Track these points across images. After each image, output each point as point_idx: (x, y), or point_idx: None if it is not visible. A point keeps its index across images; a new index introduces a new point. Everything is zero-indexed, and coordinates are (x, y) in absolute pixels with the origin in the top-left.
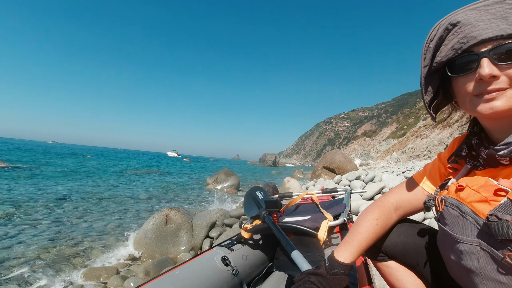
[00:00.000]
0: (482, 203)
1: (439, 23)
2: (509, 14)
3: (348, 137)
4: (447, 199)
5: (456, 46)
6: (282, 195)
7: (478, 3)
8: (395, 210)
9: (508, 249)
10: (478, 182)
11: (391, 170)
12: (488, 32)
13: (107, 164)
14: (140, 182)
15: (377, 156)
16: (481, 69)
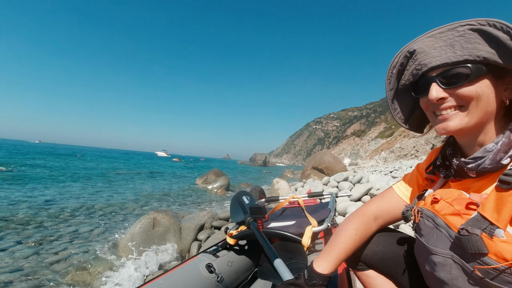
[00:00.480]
0: (455, 216)
1: (400, 51)
2: (456, 42)
3: (337, 136)
4: (423, 211)
5: (414, 72)
6: (269, 199)
7: (435, 31)
8: (375, 220)
9: (478, 262)
10: (452, 195)
11: (380, 169)
12: (436, 60)
13: (94, 165)
14: (128, 184)
15: (366, 155)
16: (430, 93)
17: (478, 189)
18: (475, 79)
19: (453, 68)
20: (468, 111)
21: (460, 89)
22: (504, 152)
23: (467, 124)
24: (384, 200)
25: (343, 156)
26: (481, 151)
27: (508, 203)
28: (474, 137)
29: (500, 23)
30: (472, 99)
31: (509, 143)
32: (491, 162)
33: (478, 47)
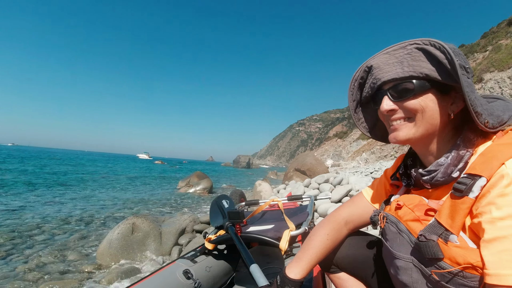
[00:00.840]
0: (415, 222)
1: (361, 66)
2: (404, 60)
3: (320, 138)
4: (388, 216)
5: (371, 85)
6: (249, 203)
7: (390, 48)
8: (346, 224)
9: (435, 266)
10: (413, 201)
11: (361, 170)
12: (388, 75)
13: (72, 169)
14: (107, 188)
15: (348, 156)
16: (381, 105)
17: (436, 196)
18: (419, 93)
19: (400, 83)
20: (415, 122)
21: (407, 102)
22: (454, 165)
23: (414, 135)
24: (354, 205)
25: (325, 157)
26: (434, 165)
27: (461, 210)
28: (425, 147)
29: (438, 44)
30: (417, 111)
31: (458, 157)
32: (443, 175)
33: (422, 64)
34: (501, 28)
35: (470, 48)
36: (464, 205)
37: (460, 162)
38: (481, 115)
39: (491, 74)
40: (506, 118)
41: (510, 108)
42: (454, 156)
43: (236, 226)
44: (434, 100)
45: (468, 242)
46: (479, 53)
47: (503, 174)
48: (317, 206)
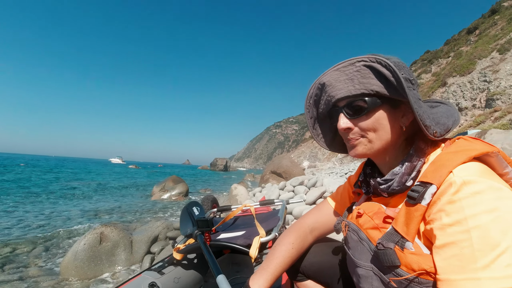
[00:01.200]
0: (374, 230)
1: (314, 83)
2: (354, 77)
3: (297, 140)
4: (350, 225)
5: (326, 102)
6: (221, 208)
7: (340, 65)
8: (311, 232)
9: (393, 274)
10: (372, 209)
11: (336, 171)
12: (341, 93)
13: (38, 175)
14: (75, 195)
15: (324, 157)
16: (338, 123)
17: (394, 203)
18: (372, 110)
19: (354, 100)
20: (370, 139)
21: (361, 121)
22: (407, 174)
23: (370, 150)
24: (319, 213)
25: (302, 159)
26: (389, 174)
27: (414, 217)
28: (382, 159)
29: (384, 61)
30: (370, 130)
31: (411, 166)
32: (398, 184)
33: (371, 81)
34: (461, 36)
35: (434, 54)
36: (417, 212)
37: (413, 171)
38: (430, 127)
39: (454, 78)
40: (451, 124)
41: (453, 113)
42: (407, 165)
43: (205, 234)
44: (386, 116)
45: (423, 249)
46: (443, 59)
47: (451, 182)
48: (292, 209)
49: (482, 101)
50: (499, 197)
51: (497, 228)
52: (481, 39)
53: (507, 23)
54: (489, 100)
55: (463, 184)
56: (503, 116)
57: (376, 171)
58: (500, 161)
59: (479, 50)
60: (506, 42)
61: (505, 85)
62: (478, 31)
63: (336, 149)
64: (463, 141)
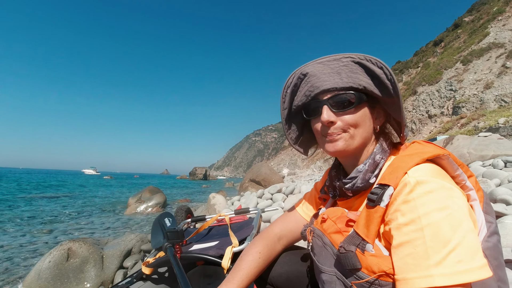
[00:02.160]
0: (337, 234)
1: (294, 73)
2: (342, 71)
3: (276, 147)
4: (315, 230)
5: (307, 93)
6: (196, 219)
7: (323, 59)
8: (279, 240)
9: (354, 277)
10: (336, 214)
11: (315, 178)
12: (327, 84)
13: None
14: (42, 208)
15: (303, 164)
16: (322, 115)
17: (357, 206)
18: (358, 105)
19: (341, 93)
20: (352, 134)
21: (346, 115)
22: (371, 171)
23: (351, 146)
24: (287, 220)
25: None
26: (354, 172)
27: (374, 219)
28: (353, 159)
29: (376, 60)
30: (354, 125)
31: (374, 163)
32: (361, 181)
33: (359, 77)
34: (429, 47)
35: (405, 64)
36: (376, 213)
37: (376, 168)
38: (406, 128)
39: (423, 87)
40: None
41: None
42: (370, 162)
43: (176, 246)
44: (367, 114)
45: (383, 250)
46: (413, 69)
47: (406, 183)
48: (270, 217)
49: (449, 108)
50: (450, 196)
51: (448, 226)
52: (446, 51)
53: (468, 37)
54: (455, 108)
55: (416, 184)
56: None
57: (341, 173)
58: (451, 163)
59: (444, 61)
60: (468, 54)
61: (469, 93)
62: (444, 44)
63: (301, 147)
64: (417, 145)
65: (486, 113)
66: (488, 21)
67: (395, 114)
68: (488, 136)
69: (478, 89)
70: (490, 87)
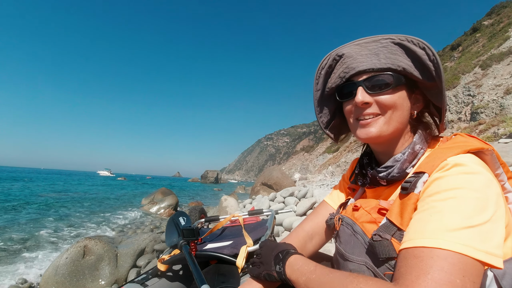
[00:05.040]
0: (371, 224)
1: (329, 54)
2: (380, 52)
3: (288, 152)
4: (344, 218)
5: (341, 75)
6: (209, 219)
7: (361, 40)
8: (311, 239)
9: (387, 267)
10: (370, 204)
11: (327, 183)
12: (363, 65)
13: (21, 188)
14: (61, 208)
15: (315, 169)
16: (356, 96)
17: (387, 195)
18: (395, 87)
19: (378, 74)
20: (388, 119)
21: (383, 95)
22: (409, 162)
23: (386, 132)
24: (318, 215)
25: (293, 171)
26: (391, 161)
27: (408, 206)
28: (388, 146)
29: (418, 40)
30: (391, 107)
31: (413, 153)
32: (398, 171)
33: (399, 58)
34: (445, 52)
35: None
36: (410, 200)
37: (415, 158)
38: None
39: None
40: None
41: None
42: (410, 152)
43: (191, 244)
44: (405, 98)
45: None
46: None
47: (443, 165)
48: (282, 220)
49: (467, 114)
50: (487, 185)
51: (474, 206)
52: (464, 55)
53: (487, 41)
54: (473, 114)
55: (455, 165)
56: (487, 129)
57: (373, 161)
58: (494, 160)
59: (462, 66)
60: (487, 58)
61: (488, 99)
62: (461, 48)
63: (333, 131)
64: (459, 137)
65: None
66: (509, 25)
67: (436, 99)
68: (508, 142)
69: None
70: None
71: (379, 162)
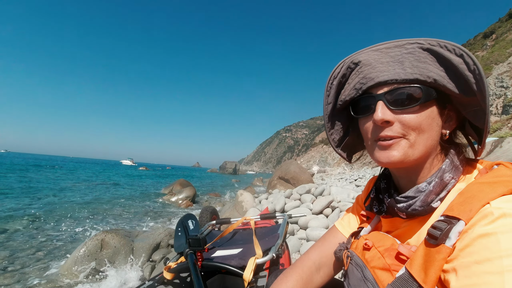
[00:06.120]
0: (385, 272)
1: (343, 61)
2: (405, 59)
3: (307, 144)
4: (353, 257)
5: (357, 86)
6: (220, 221)
7: (381, 45)
8: (318, 270)
9: None
10: (384, 243)
11: (346, 177)
12: (384, 75)
13: (48, 175)
14: (86, 196)
15: (334, 162)
16: (375, 113)
17: (407, 230)
18: (424, 103)
19: (402, 87)
20: (413, 142)
21: (408, 114)
22: (435, 194)
23: (411, 157)
24: (327, 243)
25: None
26: (413, 190)
27: (436, 261)
28: (412, 172)
29: (453, 45)
30: (415, 129)
31: (441, 184)
32: (422, 204)
33: (429, 67)
34: (477, 40)
35: None
36: (439, 255)
37: (443, 190)
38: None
39: None
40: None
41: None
42: (437, 182)
43: (197, 253)
44: (435, 116)
45: None
46: None
47: (486, 213)
48: (297, 219)
49: (498, 107)
50: None
51: None
52: (497, 44)
53: None
54: (506, 107)
55: (502, 215)
56: None
57: (392, 186)
58: None
59: (495, 55)
60: None
61: None
62: (495, 36)
63: (345, 150)
64: (504, 169)
65: None
66: None
67: (474, 118)
68: None
69: None
70: None
71: (399, 188)
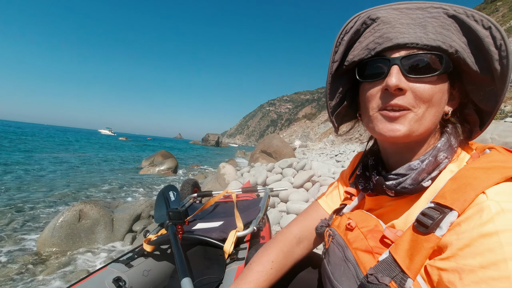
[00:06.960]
0: (367, 254)
1: (358, 15)
2: (428, 23)
3: (290, 118)
4: (335, 236)
5: (370, 46)
6: (202, 194)
7: (401, 4)
8: (298, 244)
9: None
10: (368, 224)
11: (327, 152)
12: (405, 37)
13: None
14: (61, 167)
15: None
16: (389, 77)
17: (392, 210)
18: (441, 75)
19: (422, 53)
20: (421, 115)
21: (423, 84)
22: (427, 172)
23: (416, 132)
24: (308, 217)
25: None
26: (404, 168)
27: (423, 249)
28: (409, 149)
29: (481, 16)
30: (426, 102)
31: (434, 162)
32: (412, 182)
33: (452, 36)
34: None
35: None
36: (428, 243)
37: (435, 169)
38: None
39: None
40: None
41: None
42: (430, 161)
43: (178, 226)
44: (445, 91)
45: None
46: None
47: (482, 207)
48: (278, 193)
49: None
50: None
51: None
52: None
53: (508, 10)
54: None
55: (501, 212)
56: None
57: (380, 163)
58: None
59: None
60: (506, 29)
61: None
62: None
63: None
64: (497, 154)
65: None
66: None
67: (483, 100)
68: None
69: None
70: None
71: (387, 165)
